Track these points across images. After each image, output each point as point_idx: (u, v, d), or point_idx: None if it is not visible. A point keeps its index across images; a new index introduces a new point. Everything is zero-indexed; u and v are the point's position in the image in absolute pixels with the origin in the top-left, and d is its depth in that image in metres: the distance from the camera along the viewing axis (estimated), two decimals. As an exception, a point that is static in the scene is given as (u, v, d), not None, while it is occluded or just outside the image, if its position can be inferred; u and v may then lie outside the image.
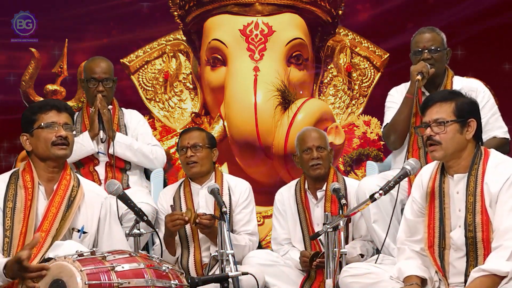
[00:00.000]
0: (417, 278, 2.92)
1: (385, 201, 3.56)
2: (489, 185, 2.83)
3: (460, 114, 2.89)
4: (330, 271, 2.98)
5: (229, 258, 3.09)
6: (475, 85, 3.90)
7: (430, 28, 3.94)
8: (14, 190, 3.04)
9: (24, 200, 3.02)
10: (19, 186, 3.05)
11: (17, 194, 3.03)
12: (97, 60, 4.30)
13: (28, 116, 3.12)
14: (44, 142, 3.04)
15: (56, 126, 3.05)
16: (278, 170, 5.48)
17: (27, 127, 3.10)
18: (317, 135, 3.94)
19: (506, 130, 3.89)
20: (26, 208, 3.00)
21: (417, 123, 3.69)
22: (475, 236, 2.83)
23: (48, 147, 3.03)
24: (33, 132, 3.07)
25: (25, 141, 3.10)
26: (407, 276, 2.93)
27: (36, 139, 3.06)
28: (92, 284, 2.62)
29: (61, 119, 3.07)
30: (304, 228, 3.88)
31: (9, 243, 2.94)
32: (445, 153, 2.89)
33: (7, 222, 2.97)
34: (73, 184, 3.09)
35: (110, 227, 3.17)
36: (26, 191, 3.03)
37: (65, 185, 3.07)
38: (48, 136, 3.04)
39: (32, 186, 3.03)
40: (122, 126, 4.21)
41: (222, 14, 5.71)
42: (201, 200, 3.94)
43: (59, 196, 3.03)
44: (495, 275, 2.71)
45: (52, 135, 3.04)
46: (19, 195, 3.03)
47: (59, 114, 3.07)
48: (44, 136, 3.04)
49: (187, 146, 3.89)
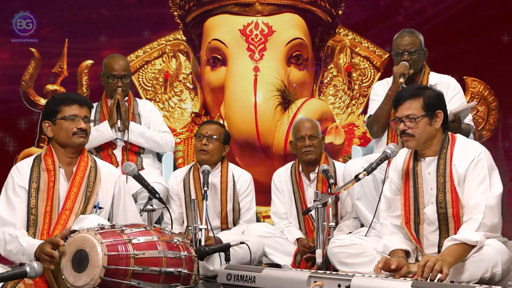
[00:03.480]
0: (402, 252, 3.71)
1: (368, 181, 4.50)
2: (457, 166, 3.66)
3: (428, 108, 3.70)
4: (319, 242, 3.81)
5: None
6: (447, 80, 4.81)
7: (410, 31, 4.84)
8: (38, 173, 3.81)
9: (47, 181, 3.80)
10: (42, 169, 3.82)
11: (40, 176, 3.81)
12: (116, 58, 5.25)
13: (51, 106, 3.90)
14: (65, 131, 3.84)
15: (77, 119, 3.86)
16: (278, 170, 6.19)
17: (49, 116, 3.87)
18: (310, 125, 4.93)
19: (471, 118, 4.79)
20: (49, 188, 3.80)
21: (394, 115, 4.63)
22: (446, 212, 3.65)
23: (69, 136, 3.84)
24: (55, 121, 3.85)
25: (47, 128, 3.89)
26: (392, 250, 3.74)
27: (58, 128, 3.86)
28: (111, 255, 3.31)
29: (82, 113, 3.87)
30: (299, 206, 4.91)
31: (35, 220, 3.74)
32: (418, 143, 3.73)
33: (32, 201, 3.76)
34: (90, 165, 3.92)
35: (125, 202, 4.01)
36: (49, 173, 3.82)
37: (83, 166, 3.90)
38: (69, 126, 3.83)
39: (53, 169, 3.84)
40: (137, 115, 5.24)
41: (222, 14, 6.43)
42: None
43: (79, 177, 3.86)
44: (465, 244, 3.47)
45: (73, 126, 3.84)
46: (42, 177, 3.81)
47: (81, 108, 3.88)
48: (66, 126, 3.84)
49: (204, 135, 4.88)
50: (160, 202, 4.31)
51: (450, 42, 6.28)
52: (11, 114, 6.49)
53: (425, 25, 6.21)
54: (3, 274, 3.08)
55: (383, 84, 4.99)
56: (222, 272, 3.77)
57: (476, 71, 6.34)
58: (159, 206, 4.36)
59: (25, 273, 3.08)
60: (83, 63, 6.47)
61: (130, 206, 4.05)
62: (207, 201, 4.37)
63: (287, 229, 4.93)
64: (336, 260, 3.97)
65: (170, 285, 3.48)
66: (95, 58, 6.40)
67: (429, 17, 6.41)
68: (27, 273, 3.07)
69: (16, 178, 3.83)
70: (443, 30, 6.28)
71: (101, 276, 3.29)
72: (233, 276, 3.68)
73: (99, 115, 5.25)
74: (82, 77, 6.45)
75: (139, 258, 3.39)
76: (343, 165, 4.88)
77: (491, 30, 6.37)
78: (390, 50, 5.89)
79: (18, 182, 3.82)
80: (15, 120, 6.48)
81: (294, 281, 3.41)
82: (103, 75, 5.23)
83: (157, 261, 3.44)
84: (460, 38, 6.33)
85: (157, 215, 4.82)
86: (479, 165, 3.65)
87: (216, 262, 4.32)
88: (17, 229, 3.71)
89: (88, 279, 3.30)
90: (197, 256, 3.73)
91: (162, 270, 3.43)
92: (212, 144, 4.89)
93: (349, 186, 3.90)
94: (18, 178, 3.84)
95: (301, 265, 4.67)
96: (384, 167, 4.20)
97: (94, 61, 6.42)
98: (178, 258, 3.53)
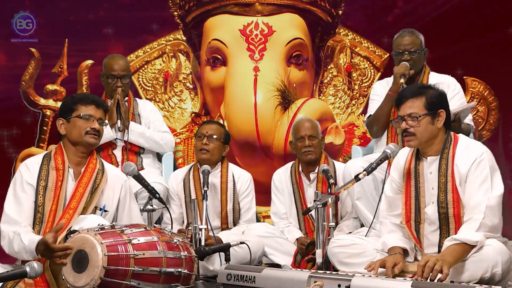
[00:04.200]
0: (400, 249, 3.72)
1: (368, 181, 4.50)
2: (458, 166, 3.66)
3: (431, 107, 3.71)
4: (319, 242, 3.81)
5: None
6: (448, 80, 4.82)
7: (410, 31, 4.84)
8: (47, 171, 3.85)
9: (55, 180, 3.84)
10: (51, 167, 3.85)
11: (49, 174, 3.84)
12: (116, 58, 5.26)
13: (68, 104, 3.94)
14: (78, 130, 3.88)
15: (92, 119, 3.90)
16: (278, 170, 6.21)
17: (65, 114, 3.91)
18: (310, 125, 4.93)
19: (471, 118, 4.80)
20: (56, 188, 3.82)
21: (395, 114, 4.52)
22: (446, 212, 3.65)
23: (82, 134, 3.87)
24: (70, 119, 3.89)
25: (61, 125, 3.93)
26: (390, 247, 3.75)
27: (72, 125, 3.89)
28: (111, 255, 3.32)
29: (98, 114, 3.93)
30: (299, 206, 4.92)
31: (41, 218, 3.77)
32: (419, 142, 3.73)
33: (40, 199, 3.79)
34: (98, 167, 3.94)
35: (130, 207, 4.05)
36: (57, 173, 3.85)
37: (91, 168, 3.92)
38: (83, 125, 3.88)
39: (63, 168, 3.87)
40: (137, 115, 5.24)
41: (222, 14, 6.46)
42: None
43: (86, 178, 3.88)
44: (466, 243, 3.47)
45: (87, 126, 3.88)
46: (51, 176, 3.84)
47: (97, 109, 3.94)
48: (80, 124, 3.87)
49: (205, 135, 4.89)
50: (160, 202, 4.32)
51: (450, 42, 6.29)
52: (11, 114, 6.50)
53: (420, 24, 6.20)
54: (3, 274, 3.07)
55: (383, 84, 5.00)
56: (222, 272, 3.77)
57: (476, 71, 6.35)
58: (159, 206, 4.37)
59: (25, 273, 3.07)
60: (83, 63, 6.49)
61: (134, 211, 4.10)
62: (207, 201, 4.38)
63: (287, 229, 4.93)
64: (336, 260, 3.97)
65: (170, 285, 3.49)
66: (95, 58, 6.42)
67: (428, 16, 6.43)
68: (27, 273, 3.06)
69: (25, 175, 3.87)
70: (443, 30, 6.29)
71: (101, 276, 3.30)
72: (233, 276, 3.68)
73: None
74: (82, 77, 6.47)
75: (139, 259, 3.40)
76: (343, 165, 4.88)
77: (492, 29, 6.38)
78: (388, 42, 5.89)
79: (27, 179, 3.85)
80: (15, 120, 6.49)
81: (294, 281, 3.41)
82: (103, 75, 5.24)
83: (157, 262, 3.45)
84: (460, 38, 6.35)
85: (157, 215, 4.83)
86: (481, 165, 3.66)
87: (216, 262, 4.34)
88: (22, 227, 3.73)
89: (88, 279, 3.31)
90: (197, 256, 3.73)
91: (162, 270, 3.43)
92: (212, 144, 4.90)
93: (349, 186, 3.91)
94: (26, 175, 3.87)
95: (301, 265, 4.67)
96: (384, 167, 4.21)
97: (94, 61, 6.44)
98: (178, 258, 3.53)
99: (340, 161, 5.85)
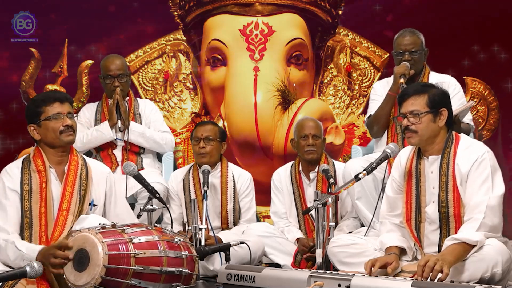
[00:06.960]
0: (396, 248, 3.75)
1: (368, 181, 4.53)
2: (460, 166, 3.68)
3: (433, 105, 3.73)
4: (319, 242, 3.83)
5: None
6: (447, 79, 4.83)
7: (411, 31, 4.86)
8: (29, 174, 3.77)
9: (39, 182, 3.76)
10: (32, 170, 3.78)
11: (31, 177, 3.77)
12: (111, 58, 5.30)
13: (33, 109, 3.84)
14: (52, 131, 3.79)
15: (61, 116, 3.81)
16: (278, 170, 6.20)
17: (33, 119, 3.82)
18: (314, 125, 4.96)
19: (471, 118, 4.82)
20: (41, 190, 3.77)
21: (395, 113, 4.60)
22: (447, 211, 3.67)
23: (57, 135, 3.80)
24: (40, 123, 3.79)
25: (33, 131, 3.85)
26: (387, 247, 3.77)
27: (44, 129, 3.80)
28: (111, 254, 3.32)
29: (65, 109, 3.81)
30: (298, 205, 4.94)
31: (29, 223, 3.72)
32: (420, 140, 3.75)
33: (26, 203, 3.73)
34: (81, 163, 3.90)
35: (116, 198, 4.02)
36: (40, 174, 3.77)
37: (74, 165, 3.87)
38: (55, 126, 3.78)
39: (44, 169, 3.80)
40: (137, 115, 5.27)
41: (222, 14, 6.47)
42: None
43: (72, 176, 3.83)
44: (466, 243, 3.49)
45: (59, 125, 3.79)
46: (34, 178, 3.77)
47: (62, 105, 3.84)
48: (52, 126, 3.78)
49: (200, 138, 4.90)
50: (160, 202, 4.33)
51: (451, 42, 6.28)
52: (11, 114, 6.49)
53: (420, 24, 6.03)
54: (3, 274, 3.08)
55: (383, 84, 5.01)
56: (222, 272, 3.79)
57: (476, 71, 6.35)
58: (159, 206, 4.37)
59: (25, 273, 3.08)
60: (83, 63, 6.47)
61: (121, 202, 4.08)
62: (207, 201, 4.38)
63: (287, 229, 4.95)
64: (336, 260, 3.98)
65: (171, 284, 3.49)
66: (95, 58, 6.41)
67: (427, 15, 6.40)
68: (27, 273, 3.08)
69: (7, 182, 3.81)
70: (442, 29, 6.29)
71: (101, 275, 3.30)
72: (233, 276, 3.70)
73: (100, 115, 5.30)
74: (82, 77, 6.46)
75: (140, 258, 3.40)
76: (343, 165, 4.89)
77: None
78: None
79: (9, 186, 3.80)
80: (14, 120, 6.45)
81: (294, 281, 3.43)
82: (101, 77, 5.27)
83: (158, 261, 3.45)
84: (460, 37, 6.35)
85: (157, 215, 4.84)
86: (482, 165, 3.67)
87: (216, 262, 4.35)
88: (10, 234, 3.69)
89: (89, 278, 3.31)
90: (198, 256, 3.74)
91: (163, 270, 3.44)
92: (210, 146, 4.92)
93: (349, 186, 3.92)
94: (8, 181, 3.81)
95: (301, 265, 4.68)
96: (384, 167, 4.22)
97: (94, 61, 6.42)
98: (179, 258, 3.54)
99: (340, 161, 5.85)
